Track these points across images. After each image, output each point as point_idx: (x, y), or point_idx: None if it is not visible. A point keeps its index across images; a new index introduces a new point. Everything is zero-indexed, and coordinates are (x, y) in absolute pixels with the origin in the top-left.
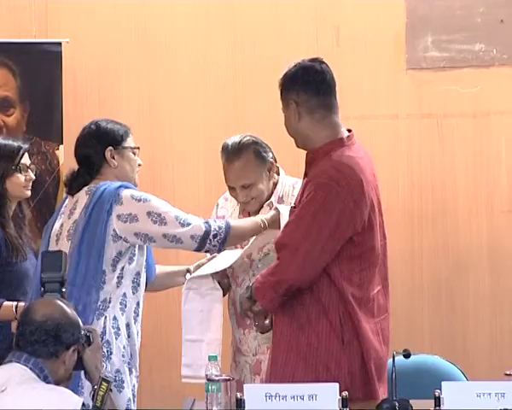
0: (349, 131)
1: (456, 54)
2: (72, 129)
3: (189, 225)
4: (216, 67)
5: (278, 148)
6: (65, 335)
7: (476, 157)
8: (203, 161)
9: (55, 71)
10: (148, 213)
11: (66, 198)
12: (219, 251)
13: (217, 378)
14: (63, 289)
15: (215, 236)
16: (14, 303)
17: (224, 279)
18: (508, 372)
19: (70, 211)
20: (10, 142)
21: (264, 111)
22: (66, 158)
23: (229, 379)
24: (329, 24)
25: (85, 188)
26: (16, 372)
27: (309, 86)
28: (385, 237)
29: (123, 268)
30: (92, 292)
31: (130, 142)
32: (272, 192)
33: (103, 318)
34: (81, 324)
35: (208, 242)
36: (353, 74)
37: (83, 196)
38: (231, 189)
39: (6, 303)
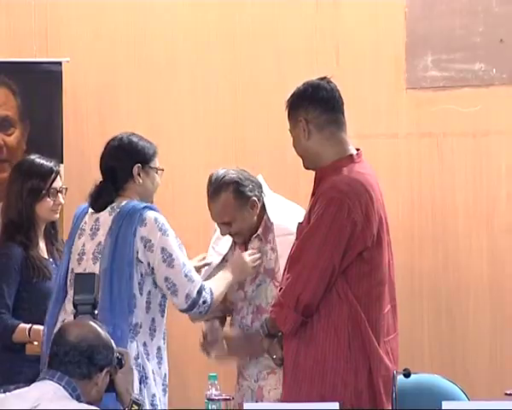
0: (357, 149)
1: (456, 73)
2: (72, 148)
3: (191, 280)
4: (215, 85)
5: (277, 166)
6: (98, 357)
7: (476, 176)
8: (203, 180)
9: (55, 90)
10: (162, 249)
11: (82, 213)
12: (201, 318)
13: (217, 398)
14: (95, 312)
15: (204, 302)
16: (28, 326)
17: (226, 303)
18: (508, 392)
19: (92, 230)
20: (44, 162)
21: (263, 129)
22: (66, 177)
23: (228, 399)
24: (329, 43)
25: (108, 207)
26: (49, 390)
27: (319, 103)
28: (392, 257)
29: (149, 292)
30: (127, 316)
31: (156, 162)
32: (260, 224)
33: (135, 342)
34: (114, 346)
35: (197, 307)
36: (353, 93)
37: (106, 217)
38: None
39: (21, 325)
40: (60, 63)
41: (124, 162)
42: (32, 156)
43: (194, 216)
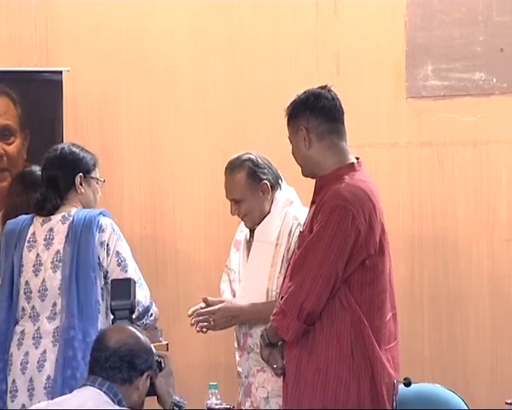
0: (357, 158)
1: (456, 82)
2: None
3: (141, 287)
4: (216, 95)
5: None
6: (139, 361)
7: (476, 186)
8: (203, 190)
9: (55, 99)
10: (117, 253)
11: (23, 225)
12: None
13: (217, 407)
14: (132, 316)
15: (151, 314)
16: None
17: None
18: (508, 401)
19: (46, 241)
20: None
21: (264, 138)
22: None
23: (229, 407)
24: (330, 52)
25: (59, 216)
26: (91, 396)
27: (320, 112)
28: (391, 265)
29: (107, 298)
30: (95, 321)
31: (97, 173)
32: None
33: None
34: (154, 350)
35: (146, 317)
36: (353, 102)
37: (59, 226)
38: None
39: None
40: (60, 72)
41: (66, 172)
42: (34, 168)
43: (195, 227)
